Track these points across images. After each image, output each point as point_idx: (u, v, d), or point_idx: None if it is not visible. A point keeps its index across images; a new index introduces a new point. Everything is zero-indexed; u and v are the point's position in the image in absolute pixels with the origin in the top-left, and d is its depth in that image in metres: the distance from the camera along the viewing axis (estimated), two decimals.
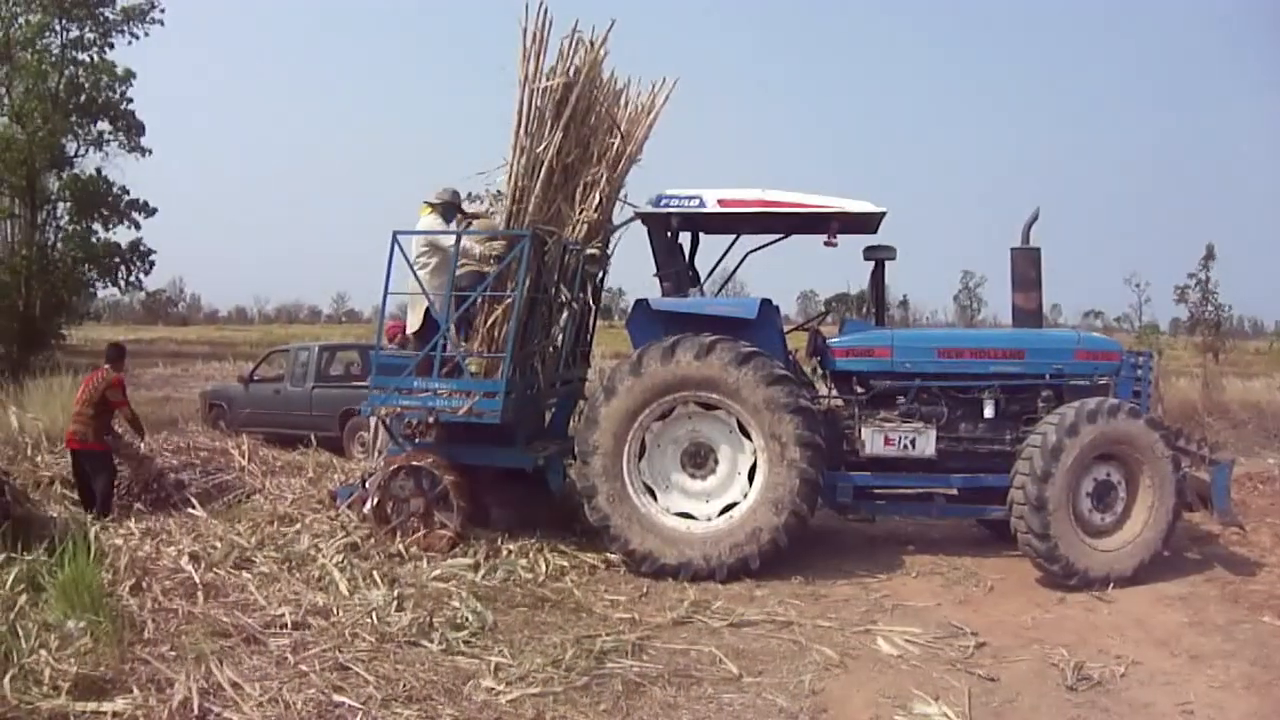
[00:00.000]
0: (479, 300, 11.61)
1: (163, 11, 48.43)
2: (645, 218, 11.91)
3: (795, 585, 10.66)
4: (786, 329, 12.55)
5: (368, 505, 11.62)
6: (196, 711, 6.89)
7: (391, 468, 11.60)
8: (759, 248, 12.72)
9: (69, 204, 47.29)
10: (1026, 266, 12.16)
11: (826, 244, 11.73)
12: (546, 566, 10.90)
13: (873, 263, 12.65)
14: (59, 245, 47.01)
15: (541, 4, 11.38)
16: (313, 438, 17.52)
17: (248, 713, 6.97)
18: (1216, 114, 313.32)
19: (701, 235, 12.98)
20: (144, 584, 9.41)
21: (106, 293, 58.16)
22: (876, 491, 11.97)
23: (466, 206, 12.60)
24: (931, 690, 7.78)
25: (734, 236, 12.58)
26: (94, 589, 8.32)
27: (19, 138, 42.89)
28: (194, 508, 12.49)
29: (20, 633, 7.80)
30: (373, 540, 11.22)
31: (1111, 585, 10.46)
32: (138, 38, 48.35)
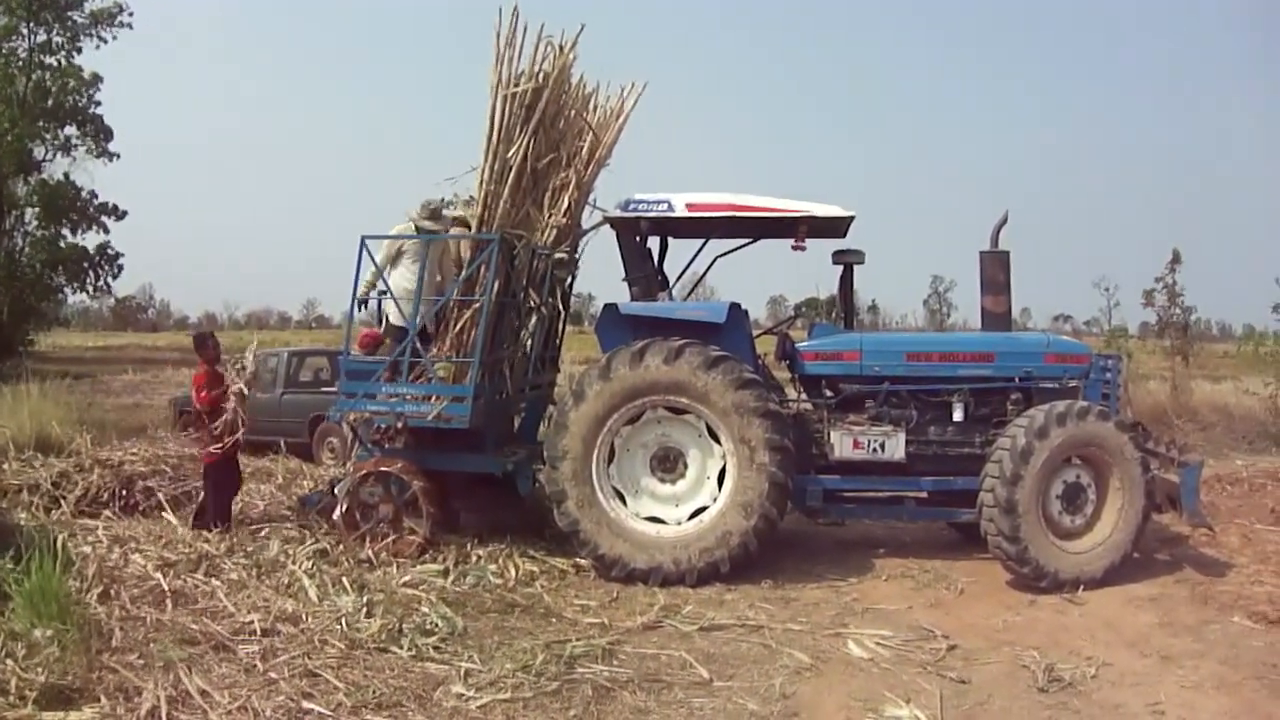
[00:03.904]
0: (448, 305, 11.60)
1: (131, 15, 48.43)
2: (614, 222, 11.89)
3: (765, 589, 10.68)
4: (755, 333, 12.58)
5: (337, 511, 11.58)
6: None
7: (360, 474, 11.57)
8: (728, 252, 12.72)
9: (37, 209, 47.14)
10: (995, 270, 12.19)
11: (794, 248, 11.75)
12: (516, 572, 10.89)
13: (841, 267, 12.65)
14: (27, 251, 46.84)
15: (514, 9, 11.39)
16: (282, 444, 17.45)
17: None
18: (1184, 118, 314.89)
19: (670, 239, 12.97)
20: (112, 592, 9.33)
21: (75, 299, 58.04)
22: (846, 495, 12.00)
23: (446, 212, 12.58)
24: (903, 693, 7.79)
25: (703, 241, 12.55)
26: (61, 597, 8.24)
27: None
28: (163, 514, 12.42)
29: None
30: (342, 546, 11.19)
31: (1082, 587, 10.50)
32: (106, 41, 48.32)
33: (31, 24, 45.98)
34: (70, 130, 48.39)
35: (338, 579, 10.06)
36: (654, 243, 12.64)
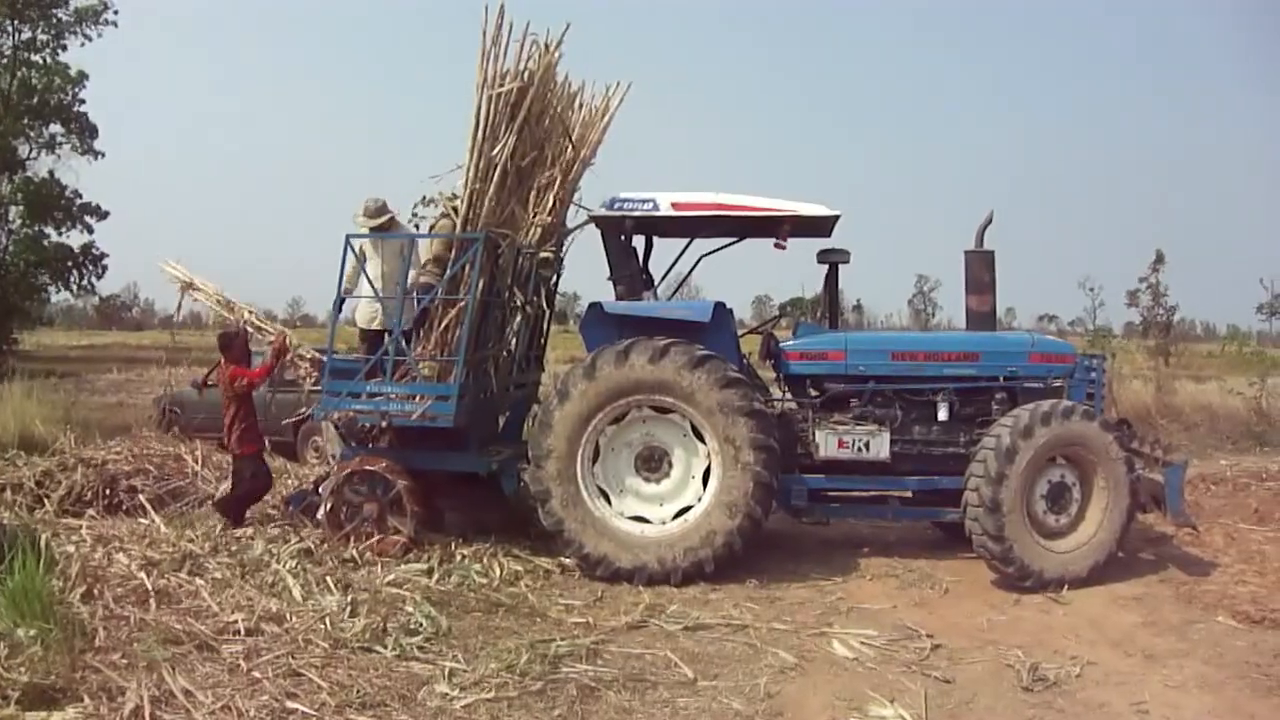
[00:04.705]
0: (433, 304, 11.57)
1: (116, 13, 48.29)
2: (599, 221, 11.88)
3: (750, 589, 10.69)
4: (740, 332, 12.57)
5: (321, 510, 11.55)
6: None
7: (344, 473, 11.54)
8: (713, 251, 12.70)
9: (21, 207, 46.97)
10: (980, 270, 12.20)
11: (775, 246, 11.75)
12: (501, 571, 10.86)
13: (826, 266, 12.66)
14: (10, 249, 46.68)
15: (500, 7, 11.36)
16: (266, 442, 17.40)
17: None
18: (1169, 119, 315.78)
19: (655, 238, 12.96)
20: (95, 591, 9.26)
21: (60, 297, 57.90)
22: (831, 494, 12.01)
23: (420, 209, 12.57)
24: (887, 692, 7.81)
25: (688, 240, 12.55)
26: (44, 596, 8.18)
27: None
28: (146, 514, 12.38)
29: None
30: (326, 546, 11.13)
31: (1066, 587, 10.52)
32: (91, 39, 48.18)
33: (15, 21, 45.82)
34: (55, 128, 48.26)
35: (322, 578, 10.02)
36: (639, 242, 12.64)
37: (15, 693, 6.96)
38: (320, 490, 11.89)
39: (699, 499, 11.10)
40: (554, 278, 13.30)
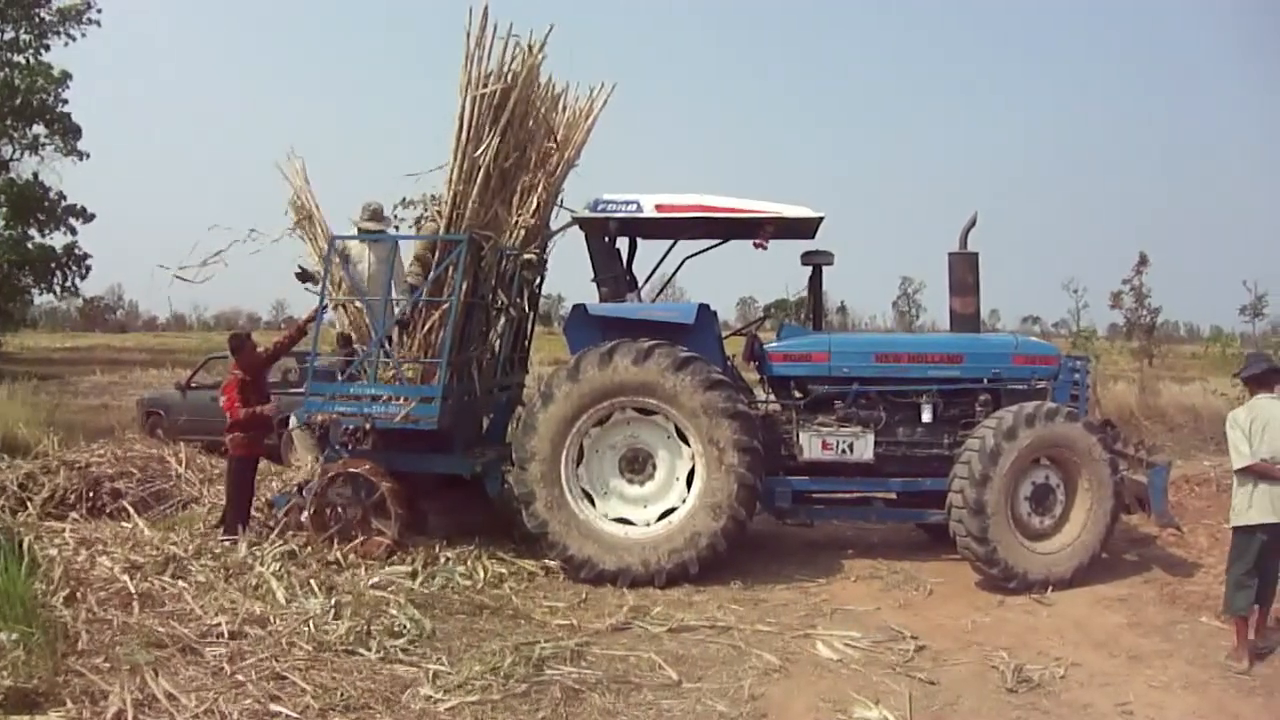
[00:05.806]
0: (416, 305, 11.55)
1: (99, 12, 48.08)
2: (583, 223, 11.89)
3: (734, 590, 10.71)
4: (724, 334, 12.58)
5: (305, 513, 11.51)
6: None
7: (329, 475, 11.51)
8: (697, 253, 12.72)
9: (4, 209, 46.76)
10: (964, 272, 12.23)
11: (755, 246, 11.77)
12: (485, 573, 10.86)
13: (810, 268, 12.67)
14: None
15: (484, 9, 11.35)
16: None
17: None
18: (1152, 121, 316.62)
19: (639, 240, 12.97)
20: (78, 594, 9.20)
21: (43, 299, 57.64)
22: (815, 496, 12.05)
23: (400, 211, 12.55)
24: (872, 694, 7.82)
25: (672, 241, 12.55)
26: (27, 600, 8.15)
27: None
28: (130, 516, 12.33)
29: None
30: (310, 548, 11.09)
31: (1050, 588, 10.57)
32: (74, 39, 48.00)
33: None
34: (39, 129, 48.04)
35: (306, 581, 9.99)
36: (623, 243, 12.64)
37: None
38: (304, 492, 11.84)
39: (683, 501, 11.11)
40: (538, 279, 13.29)
